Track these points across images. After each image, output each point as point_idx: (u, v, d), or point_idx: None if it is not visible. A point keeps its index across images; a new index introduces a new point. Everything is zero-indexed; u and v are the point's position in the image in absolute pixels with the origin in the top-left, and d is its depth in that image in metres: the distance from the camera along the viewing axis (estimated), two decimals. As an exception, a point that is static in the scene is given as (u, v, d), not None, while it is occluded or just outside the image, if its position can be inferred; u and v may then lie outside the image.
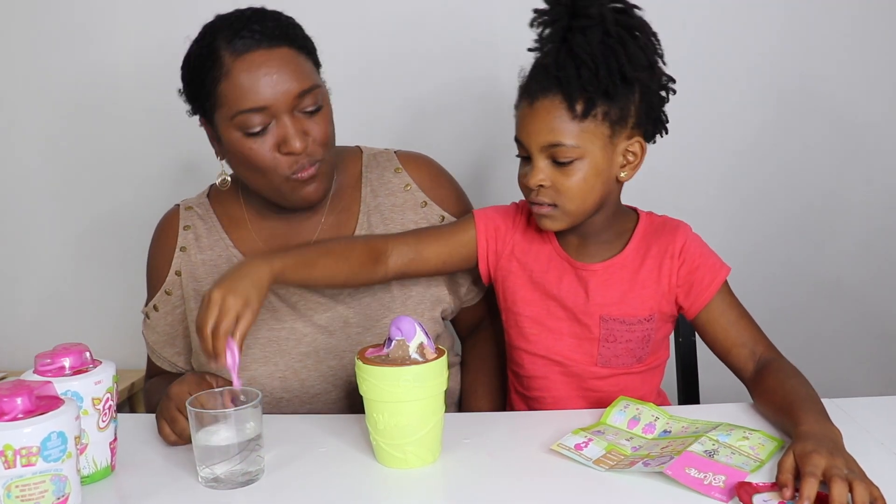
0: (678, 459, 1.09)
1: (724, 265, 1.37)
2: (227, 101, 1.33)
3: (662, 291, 1.36)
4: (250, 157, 1.35)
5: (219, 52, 1.32)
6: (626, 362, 1.38)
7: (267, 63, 1.31)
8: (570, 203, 1.30)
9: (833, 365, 2.26)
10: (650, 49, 1.28)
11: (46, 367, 1.12)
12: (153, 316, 1.54)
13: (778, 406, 1.22)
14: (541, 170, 1.28)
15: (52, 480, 0.99)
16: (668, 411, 1.28)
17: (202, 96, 1.37)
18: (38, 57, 2.29)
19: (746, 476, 1.07)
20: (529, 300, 1.41)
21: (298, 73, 1.34)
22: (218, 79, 1.32)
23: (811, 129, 2.22)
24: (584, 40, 1.23)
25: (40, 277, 2.44)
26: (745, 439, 1.16)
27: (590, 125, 1.25)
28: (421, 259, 1.42)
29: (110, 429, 1.16)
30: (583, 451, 1.16)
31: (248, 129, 1.33)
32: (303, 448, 1.24)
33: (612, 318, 1.36)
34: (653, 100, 1.30)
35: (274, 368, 1.44)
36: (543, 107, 1.26)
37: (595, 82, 1.23)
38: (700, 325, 1.38)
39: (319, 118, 1.37)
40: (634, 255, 1.37)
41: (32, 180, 2.38)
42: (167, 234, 1.55)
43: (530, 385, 1.44)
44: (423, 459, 1.17)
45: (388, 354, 1.16)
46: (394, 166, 1.55)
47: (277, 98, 1.31)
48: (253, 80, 1.31)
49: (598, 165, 1.28)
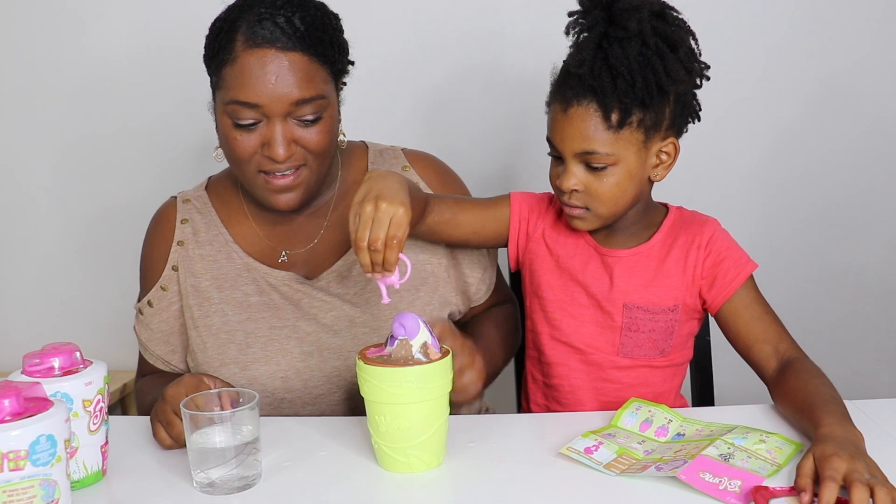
0: (692, 463, 1.08)
1: (751, 261, 1.38)
2: (226, 85, 1.35)
3: (687, 282, 1.38)
4: (232, 146, 1.37)
5: (235, 35, 1.34)
6: (649, 353, 1.39)
7: (274, 63, 1.32)
8: (603, 207, 1.32)
9: (857, 366, 2.27)
10: (690, 59, 1.29)
11: (35, 368, 1.12)
12: (147, 312, 1.54)
13: (798, 407, 1.22)
14: (574, 174, 1.31)
15: (41, 485, 0.99)
16: (681, 413, 1.28)
17: (212, 71, 1.39)
18: (28, 50, 2.29)
19: (763, 481, 1.07)
20: (555, 285, 1.44)
21: (303, 82, 1.34)
22: (225, 61, 1.34)
23: (841, 123, 2.23)
24: (622, 53, 1.25)
25: (29, 274, 2.43)
26: (761, 442, 1.16)
27: (625, 133, 1.28)
28: (455, 222, 1.44)
29: (101, 432, 1.16)
30: (593, 455, 1.16)
31: (238, 119, 1.35)
32: (302, 452, 1.24)
33: (636, 306, 1.38)
34: (687, 99, 1.33)
35: (276, 368, 1.44)
36: (578, 114, 1.28)
37: (631, 94, 1.25)
38: (722, 319, 1.39)
39: (317, 128, 1.38)
40: (661, 245, 1.39)
41: (21, 174, 2.37)
42: (163, 227, 1.54)
43: (549, 372, 1.46)
44: (426, 464, 1.17)
45: (391, 354, 1.15)
46: (401, 164, 1.56)
47: (273, 101, 1.33)
48: (255, 77, 1.32)
49: (631, 170, 1.31)
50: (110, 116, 2.31)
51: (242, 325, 1.46)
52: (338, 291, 1.47)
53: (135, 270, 1.57)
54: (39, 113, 2.33)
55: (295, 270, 1.49)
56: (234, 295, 1.48)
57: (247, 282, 1.48)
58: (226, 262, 1.50)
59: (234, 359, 1.44)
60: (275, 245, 1.52)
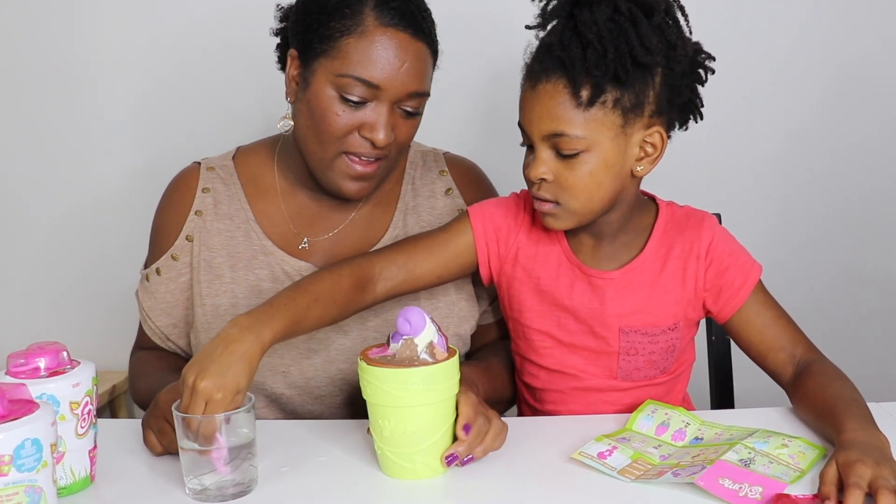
0: (711, 469, 1.08)
1: (756, 263, 1.35)
2: (345, 57, 1.33)
3: (688, 297, 1.34)
4: (330, 120, 1.36)
5: (364, 6, 1.33)
6: (649, 374, 1.37)
7: (405, 48, 1.34)
8: (574, 200, 1.26)
9: (881, 367, 2.26)
10: (669, 29, 1.23)
11: (20, 368, 1.11)
12: (153, 279, 1.52)
13: (819, 411, 1.22)
14: (543, 161, 1.25)
15: (26, 492, 0.98)
16: (699, 417, 1.28)
17: (319, 37, 1.35)
18: (12, 36, 2.28)
19: (785, 487, 1.07)
20: (538, 311, 1.39)
21: (423, 74, 1.37)
22: (349, 30, 1.33)
23: (860, 116, 2.23)
24: (591, 18, 1.19)
25: (13, 269, 2.42)
26: (784, 447, 1.16)
27: (597, 113, 1.21)
28: (413, 278, 1.38)
29: (90, 435, 1.16)
30: (606, 460, 1.16)
31: (348, 94, 1.34)
32: (300, 456, 1.24)
33: (633, 330, 1.34)
34: (678, 84, 1.26)
35: (279, 361, 1.44)
36: (546, 91, 1.22)
37: (602, 66, 1.19)
38: (733, 329, 1.37)
39: (412, 123, 1.41)
40: (655, 257, 1.34)
41: (5, 164, 2.36)
42: (182, 193, 1.53)
43: (543, 398, 1.43)
44: (433, 470, 1.16)
45: (395, 355, 1.15)
46: (440, 168, 1.57)
47: (395, 85, 1.34)
48: (384, 56, 1.33)
49: (607, 159, 1.23)
50: (99, 109, 2.31)
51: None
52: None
53: (125, 266, 1.57)
54: (26, 103, 2.32)
55: (313, 260, 1.49)
56: (246, 277, 1.48)
57: (262, 265, 1.48)
58: (243, 240, 1.49)
59: None
60: (298, 230, 1.51)
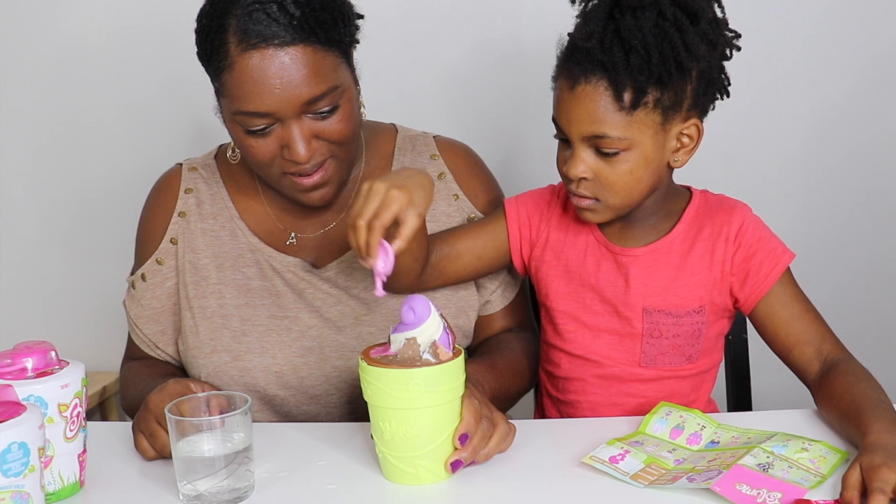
0: (727, 474, 1.08)
1: (788, 250, 1.36)
2: (229, 94, 1.33)
3: (714, 280, 1.35)
4: (250, 153, 1.38)
5: (226, 34, 1.30)
6: (674, 361, 1.37)
7: (276, 64, 1.29)
8: (615, 197, 1.29)
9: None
10: (713, 31, 1.25)
11: (6, 369, 1.12)
12: (139, 286, 1.53)
13: (844, 412, 1.21)
14: (582, 160, 1.27)
15: (13, 498, 0.99)
16: (716, 419, 1.27)
17: (211, 77, 1.37)
18: (2, 28, 2.30)
19: (806, 493, 1.06)
20: (563, 293, 1.42)
21: (312, 77, 1.32)
22: (222, 67, 1.32)
23: (891, 102, 2.21)
24: (636, 24, 1.22)
25: (0, 266, 2.43)
26: (804, 451, 1.15)
27: (639, 114, 1.24)
28: (455, 254, 1.43)
29: (79, 439, 1.16)
30: (619, 465, 1.16)
31: (249, 127, 1.34)
32: (299, 461, 1.24)
33: (657, 310, 1.36)
34: (712, 75, 1.29)
35: (271, 361, 1.44)
36: (586, 93, 1.25)
37: (647, 70, 1.22)
38: (758, 319, 1.37)
39: (336, 118, 1.37)
40: (683, 238, 1.36)
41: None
42: (166, 196, 1.54)
43: (565, 388, 1.44)
44: (436, 475, 1.16)
45: (397, 354, 1.14)
46: (430, 152, 1.56)
47: (282, 105, 1.31)
48: (257, 83, 1.30)
49: (647, 156, 1.27)
50: (92, 101, 2.32)
51: (239, 310, 1.46)
52: (345, 284, 1.47)
53: (115, 263, 1.58)
54: (16, 95, 2.34)
55: (302, 256, 1.50)
56: (233, 276, 1.48)
57: (249, 263, 1.49)
58: (229, 239, 1.50)
59: (227, 346, 1.44)
60: (284, 226, 1.52)
